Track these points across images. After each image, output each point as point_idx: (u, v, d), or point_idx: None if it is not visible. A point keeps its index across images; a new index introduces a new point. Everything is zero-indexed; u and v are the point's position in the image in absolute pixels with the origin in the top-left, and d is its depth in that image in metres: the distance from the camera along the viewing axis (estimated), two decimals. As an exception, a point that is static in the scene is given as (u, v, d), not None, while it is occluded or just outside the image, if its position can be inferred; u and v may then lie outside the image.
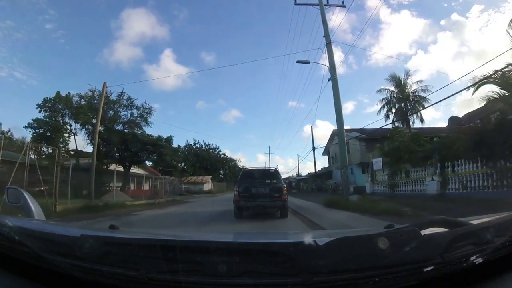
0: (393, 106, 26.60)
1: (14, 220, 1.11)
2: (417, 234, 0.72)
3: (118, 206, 14.07)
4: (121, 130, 24.59)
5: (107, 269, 0.77)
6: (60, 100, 22.79)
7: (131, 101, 24.58)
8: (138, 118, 25.03)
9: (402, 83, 26.12)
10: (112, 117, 23.87)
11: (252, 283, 0.71)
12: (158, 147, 24.99)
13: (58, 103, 22.76)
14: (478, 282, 0.77)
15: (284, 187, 8.73)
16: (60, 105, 22.85)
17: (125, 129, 24.84)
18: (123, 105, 24.54)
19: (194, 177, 50.89)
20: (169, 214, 12.08)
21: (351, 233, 1.40)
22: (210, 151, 67.13)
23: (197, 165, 59.95)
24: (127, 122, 24.76)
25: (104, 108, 21.25)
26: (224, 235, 2.18)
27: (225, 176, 69.92)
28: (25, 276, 0.87)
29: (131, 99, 24.51)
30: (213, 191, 46.24)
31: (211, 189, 48.79)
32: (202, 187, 47.28)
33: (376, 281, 0.70)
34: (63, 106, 22.88)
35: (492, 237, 0.77)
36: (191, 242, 1.05)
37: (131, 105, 24.59)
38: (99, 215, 10.59)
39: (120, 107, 24.59)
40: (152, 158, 26.95)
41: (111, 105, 23.75)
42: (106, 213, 11.46)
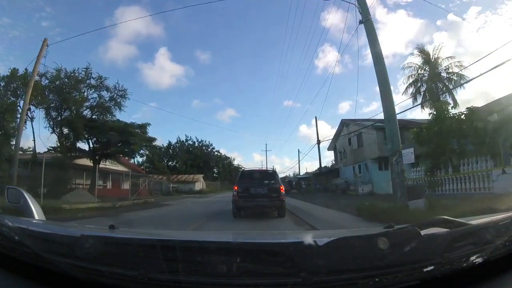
0: (421, 85, 22.66)
1: (14, 220, 1.11)
2: (417, 234, 0.72)
3: (50, 211, 9.24)
4: (89, 116, 20.62)
5: (107, 269, 0.77)
6: (15, 79, 18.47)
7: (101, 81, 20.37)
8: (109, 102, 20.80)
9: (432, 58, 22.35)
10: (77, 99, 19.64)
11: (252, 283, 0.71)
12: (125, 134, 19.88)
13: (14, 81, 18.56)
14: (478, 282, 0.77)
15: (281, 187, 8.91)
16: (15, 84, 18.60)
17: (94, 114, 20.82)
18: (90, 86, 20.34)
19: (185, 176, 47.06)
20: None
21: (351, 233, 1.40)
22: (203, 148, 63.07)
23: (189, 163, 56.42)
24: (95, 106, 20.61)
25: (66, 89, 18.49)
26: (224, 235, 2.18)
27: (219, 174, 65.94)
28: (25, 276, 0.87)
29: (101, 78, 20.34)
30: (205, 191, 42.46)
31: (202, 188, 44.93)
32: (192, 186, 43.59)
33: (376, 281, 0.70)
34: (19, 85, 18.48)
35: (492, 237, 0.77)
36: (191, 242, 1.05)
37: (101, 86, 20.44)
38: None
39: (88, 87, 20.40)
40: (119, 149, 21.25)
41: (76, 84, 19.66)
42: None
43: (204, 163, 59.79)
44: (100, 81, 20.38)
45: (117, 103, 20.84)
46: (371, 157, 22.87)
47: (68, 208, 11.70)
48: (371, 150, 22.95)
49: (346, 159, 28.92)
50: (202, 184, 47.50)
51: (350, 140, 26.84)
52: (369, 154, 23.24)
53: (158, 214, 12.06)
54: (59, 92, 18.84)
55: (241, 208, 8.82)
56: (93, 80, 20.22)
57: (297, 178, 44.47)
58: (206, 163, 60.69)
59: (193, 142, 62.84)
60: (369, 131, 22.19)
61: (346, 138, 27.73)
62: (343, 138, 28.71)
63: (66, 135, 19.86)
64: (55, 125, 19.55)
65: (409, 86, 23.83)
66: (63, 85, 19.09)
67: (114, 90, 20.72)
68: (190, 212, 12.45)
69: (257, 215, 8.88)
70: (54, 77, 18.96)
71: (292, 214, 9.89)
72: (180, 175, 46.39)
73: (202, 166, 58.23)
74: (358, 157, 25.18)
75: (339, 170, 30.53)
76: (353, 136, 25.67)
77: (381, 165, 22.49)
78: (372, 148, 22.85)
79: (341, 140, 29.97)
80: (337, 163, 32.94)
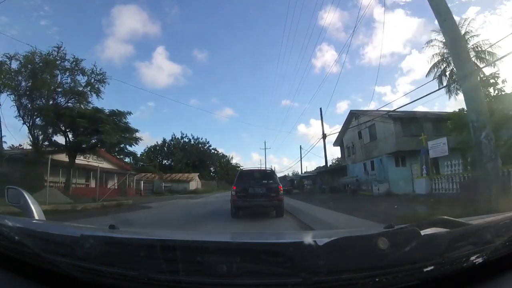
0: (447, 65, 19.86)
1: (14, 220, 1.11)
2: (417, 234, 0.72)
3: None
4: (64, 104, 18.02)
5: (107, 269, 0.77)
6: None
7: (77, 63, 17.84)
8: (85, 87, 18.32)
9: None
10: (48, 82, 17.10)
11: (252, 283, 0.71)
12: (95, 122, 16.44)
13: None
14: (478, 282, 0.77)
15: (280, 187, 8.95)
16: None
17: (69, 102, 18.20)
18: (64, 69, 17.82)
19: (179, 174, 44.87)
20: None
21: (351, 233, 1.41)
22: (199, 146, 60.23)
23: (184, 161, 54.10)
24: (67, 91, 18.04)
25: (39, 73, 16.39)
26: (224, 235, 2.19)
27: (216, 173, 63.25)
28: (25, 276, 0.87)
29: (77, 60, 17.81)
30: (199, 191, 40.02)
31: (197, 188, 42.46)
32: (187, 185, 41.21)
33: (376, 281, 0.70)
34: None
35: (492, 237, 0.77)
36: (191, 242, 1.05)
37: (77, 69, 18.02)
38: None
39: (62, 71, 17.81)
40: (88, 139, 17.60)
41: (47, 66, 17.07)
42: None
43: (200, 161, 57.42)
44: (76, 63, 17.87)
45: (93, 88, 18.25)
46: (387, 151, 20.00)
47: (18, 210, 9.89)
48: (387, 143, 20.09)
49: (355, 155, 25.90)
50: (197, 183, 45.39)
51: (361, 134, 24.20)
52: (384, 148, 20.34)
53: (121, 223, 8.77)
54: (32, 76, 16.69)
55: (239, 208, 8.83)
56: (68, 62, 17.76)
57: (299, 176, 41.04)
58: (202, 161, 58.30)
59: (189, 140, 60.30)
60: (385, 121, 19.45)
61: (355, 132, 25.10)
62: (352, 132, 25.81)
63: (38, 126, 17.45)
64: (25, 115, 17.23)
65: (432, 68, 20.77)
66: (36, 69, 16.87)
67: (91, 74, 18.30)
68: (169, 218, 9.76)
69: (256, 215, 8.85)
70: (26, 59, 16.68)
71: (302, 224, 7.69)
72: (174, 174, 44.41)
73: (198, 165, 56.00)
74: (371, 152, 22.58)
75: (347, 168, 27.55)
76: (364, 128, 23.22)
77: (398, 161, 20.05)
78: (388, 141, 19.90)
79: (349, 134, 26.82)
80: (344, 160, 29.56)
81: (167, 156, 58.39)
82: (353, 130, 25.50)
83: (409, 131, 19.14)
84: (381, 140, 21.00)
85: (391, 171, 19.80)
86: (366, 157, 23.43)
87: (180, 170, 49.55)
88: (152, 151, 57.45)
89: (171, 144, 59.06)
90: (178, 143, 58.63)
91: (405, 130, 19.37)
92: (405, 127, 19.42)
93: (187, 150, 57.08)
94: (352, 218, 7.74)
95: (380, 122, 20.09)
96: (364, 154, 23.84)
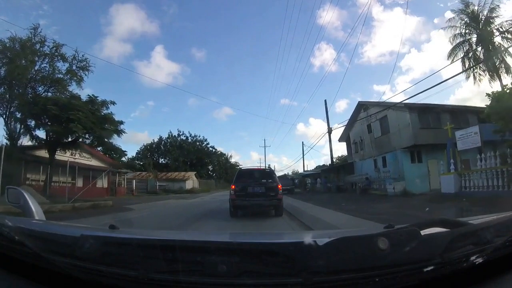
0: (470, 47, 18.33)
1: (14, 220, 1.11)
2: (417, 234, 0.72)
3: None
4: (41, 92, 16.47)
5: (107, 269, 0.77)
6: None
7: (57, 48, 16.31)
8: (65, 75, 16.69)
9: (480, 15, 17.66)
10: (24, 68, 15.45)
11: (252, 283, 0.71)
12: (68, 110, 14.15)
13: None
14: (478, 282, 0.77)
15: (279, 186, 8.87)
16: None
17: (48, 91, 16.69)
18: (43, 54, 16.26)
19: (175, 173, 43.42)
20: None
21: (351, 233, 1.41)
22: (196, 143, 58.14)
23: (181, 159, 52.29)
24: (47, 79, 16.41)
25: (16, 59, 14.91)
26: (224, 235, 2.19)
27: (214, 172, 61.24)
28: (25, 276, 0.87)
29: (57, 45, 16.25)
30: (196, 190, 38.22)
31: (194, 187, 40.72)
32: (183, 185, 39.72)
33: (376, 281, 0.70)
34: None
35: (492, 237, 0.77)
36: (191, 242, 1.05)
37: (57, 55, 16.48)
38: None
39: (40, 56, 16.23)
40: (59, 129, 14.83)
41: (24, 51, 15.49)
42: None
43: (198, 160, 55.33)
44: (56, 49, 16.36)
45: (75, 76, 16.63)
46: (402, 146, 17.96)
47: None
48: (401, 137, 18.04)
49: (363, 151, 23.79)
50: (194, 182, 43.56)
51: (371, 127, 22.13)
52: (398, 142, 18.34)
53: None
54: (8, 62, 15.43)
55: (238, 207, 8.76)
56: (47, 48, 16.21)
57: (301, 175, 38.64)
58: (200, 160, 56.06)
59: (186, 137, 57.95)
60: (400, 111, 17.70)
61: (364, 125, 22.98)
62: (360, 125, 23.54)
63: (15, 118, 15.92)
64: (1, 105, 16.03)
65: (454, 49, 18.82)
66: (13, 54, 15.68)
67: (72, 61, 16.70)
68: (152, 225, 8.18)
69: (255, 215, 8.78)
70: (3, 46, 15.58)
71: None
72: (170, 173, 43.27)
73: (196, 163, 54.14)
74: (382, 147, 20.59)
75: (354, 165, 25.46)
76: (375, 121, 21.23)
77: (414, 156, 17.91)
78: (403, 134, 17.87)
79: (357, 128, 24.45)
80: (350, 156, 27.21)
81: (163, 155, 56.74)
82: (361, 124, 23.26)
83: (426, 123, 17.27)
84: (394, 133, 18.88)
85: (406, 167, 17.65)
86: (377, 153, 21.40)
87: (176, 168, 48.02)
88: (148, 149, 56.09)
89: (167, 142, 57.39)
90: (174, 141, 56.64)
91: (422, 122, 17.27)
92: (422, 118, 17.39)
93: (184, 148, 55.05)
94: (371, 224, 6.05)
95: (394, 113, 18.28)
96: (374, 149, 21.79)
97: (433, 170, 16.50)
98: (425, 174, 17.08)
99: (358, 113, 23.77)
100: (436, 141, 15.60)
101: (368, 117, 21.75)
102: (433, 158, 16.61)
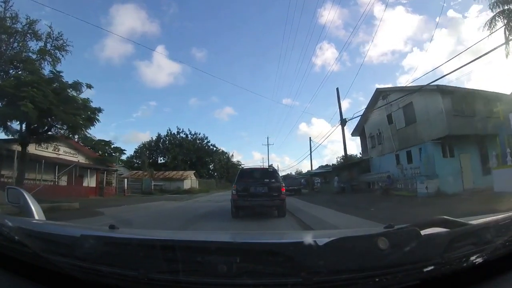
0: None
1: (14, 220, 1.11)
2: (417, 234, 0.72)
3: None
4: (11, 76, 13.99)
5: (107, 269, 0.77)
6: None
7: (30, 25, 14.67)
8: (38, 55, 14.94)
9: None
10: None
11: (252, 283, 0.71)
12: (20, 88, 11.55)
13: None
14: (478, 282, 0.77)
15: (282, 186, 8.72)
16: None
17: (18, 71, 14.52)
18: (14, 31, 14.52)
19: (173, 172, 41.77)
20: None
21: (351, 233, 1.41)
22: (196, 141, 56.00)
23: (179, 158, 50.44)
24: (16, 58, 14.51)
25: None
26: (224, 235, 2.19)
27: (215, 171, 59.24)
28: (25, 276, 0.87)
29: (31, 22, 14.62)
30: (195, 190, 36.04)
31: (192, 187, 38.65)
32: (181, 184, 37.98)
33: (376, 281, 0.70)
34: None
35: (492, 237, 0.77)
36: (191, 242, 1.05)
37: (30, 32, 14.78)
38: None
39: (9, 34, 14.41)
40: (5, 110, 12.28)
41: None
42: None
43: (198, 158, 53.24)
44: (29, 26, 14.70)
45: (49, 55, 14.74)
46: (432, 137, 15.12)
47: None
48: (432, 126, 15.28)
49: (383, 145, 20.76)
50: (193, 182, 41.57)
51: (392, 117, 19.27)
52: (428, 132, 15.49)
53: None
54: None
55: (240, 208, 8.63)
56: (20, 24, 14.58)
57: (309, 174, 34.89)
58: (200, 158, 53.92)
59: (186, 135, 55.94)
60: (429, 96, 15.14)
61: (383, 115, 19.95)
62: (379, 116, 20.44)
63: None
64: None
65: (495, 17, 14.37)
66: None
67: (47, 39, 14.97)
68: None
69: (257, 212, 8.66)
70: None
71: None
72: (168, 172, 41.75)
73: (195, 162, 52.04)
74: (407, 140, 17.76)
75: (369, 162, 22.62)
76: (397, 110, 18.34)
77: (445, 149, 15.20)
78: (434, 123, 15.11)
79: (374, 120, 21.34)
80: (366, 152, 24.18)
81: (162, 153, 55.31)
82: (379, 114, 20.24)
83: (461, 110, 14.73)
84: (422, 122, 16.24)
85: (438, 163, 14.86)
86: (400, 147, 18.49)
87: (175, 167, 46.37)
88: (147, 147, 54.63)
89: (166, 140, 55.57)
90: (174, 139, 54.69)
91: (456, 108, 14.66)
92: (456, 103, 14.67)
93: (184, 146, 52.88)
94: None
95: (421, 98, 15.80)
96: (396, 143, 18.89)
97: (466, 166, 14.60)
98: (457, 171, 14.62)
99: (376, 102, 20.43)
100: (471, 131, 13.67)
101: (388, 106, 18.86)
102: (465, 151, 14.79)
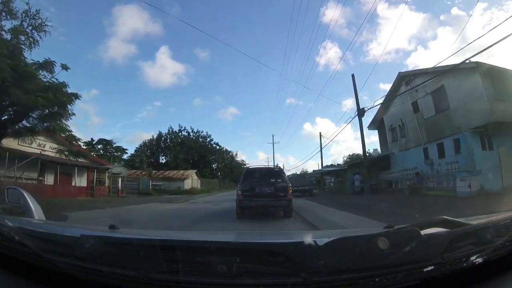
0: None
1: (14, 220, 1.11)
2: (417, 234, 0.72)
3: None
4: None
5: (107, 269, 0.77)
6: None
7: (6, 3, 13.02)
8: (11, 33, 12.92)
9: None
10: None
11: (252, 283, 0.71)
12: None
13: None
14: (478, 282, 0.77)
15: (289, 186, 8.54)
16: None
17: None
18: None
19: (173, 172, 39.94)
20: None
21: (351, 233, 1.41)
22: (199, 140, 53.55)
23: (181, 156, 48.33)
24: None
25: None
26: (224, 235, 2.19)
27: (219, 171, 57.21)
28: (25, 276, 0.87)
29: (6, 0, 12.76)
30: (196, 191, 33.72)
31: (193, 187, 36.18)
32: (181, 184, 36.00)
33: (376, 281, 0.70)
34: None
35: (492, 237, 0.77)
36: (191, 242, 1.05)
37: (5, 10, 13.02)
38: None
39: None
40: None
41: None
42: None
43: (200, 157, 50.95)
44: (5, 4, 13.10)
45: (20, 32, 12.81)
46: (471, 126, 12.71)
47: None
48: (469, 112, 12.84)
49: (406, 138, 18.12)
50: (195, 181, 39.38)
51: (418, 104, 16.85)
52: (465, 120, 13.09)
53: None
54: None
55: (245, 208, 8.45)
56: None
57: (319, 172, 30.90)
58: (203, 157, 51.56)
59: (188, 133, 53.46)
60: (465, 76, 12.77)
61: (406, 103, 17.46)
62: (401, 105, 17.78)
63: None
64: None
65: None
66: None
67: (24, 17, 13.07)
68: None
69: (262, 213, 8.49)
70: None
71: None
72: (168, 171, 40.11)
73: (198, 161, 49.92)
74: (438, 130, 15.15)
75: (390, 158, 19.91)
76: (425, 96, 15.87)
77: (484, 141, 12.89)
78: (472, 108, 12.67)
79: (395, 109, 18.58)
80: (385, 147, 21.43)
81: (163, 152, 53.07)
82: (402, 102, 17.62)
83: (504, 92, 12.22)
84: (457, 108, 13.67)
85: (478, 156, 12.52)
86: (429, 139, 15.96)
87: (176, 167, 44.30)
88: (147, 146, 52.88)
89: (167, 138, 53.30)
90: (175, 137, 52.38)
91: (498, 91, 12.14)
92: (497, 85, 12.16)
93: (186, 144, 50.43)
94: None
95: (454, 81, 13.37)
96: (424, 134, 16.34)
97: (506, 159, 12.40)
98: (496, 166, 12.47)
99: (398, 88, 18.04)
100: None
101: (413, 91, 16.47)
102: (504, 144, 12.62)
